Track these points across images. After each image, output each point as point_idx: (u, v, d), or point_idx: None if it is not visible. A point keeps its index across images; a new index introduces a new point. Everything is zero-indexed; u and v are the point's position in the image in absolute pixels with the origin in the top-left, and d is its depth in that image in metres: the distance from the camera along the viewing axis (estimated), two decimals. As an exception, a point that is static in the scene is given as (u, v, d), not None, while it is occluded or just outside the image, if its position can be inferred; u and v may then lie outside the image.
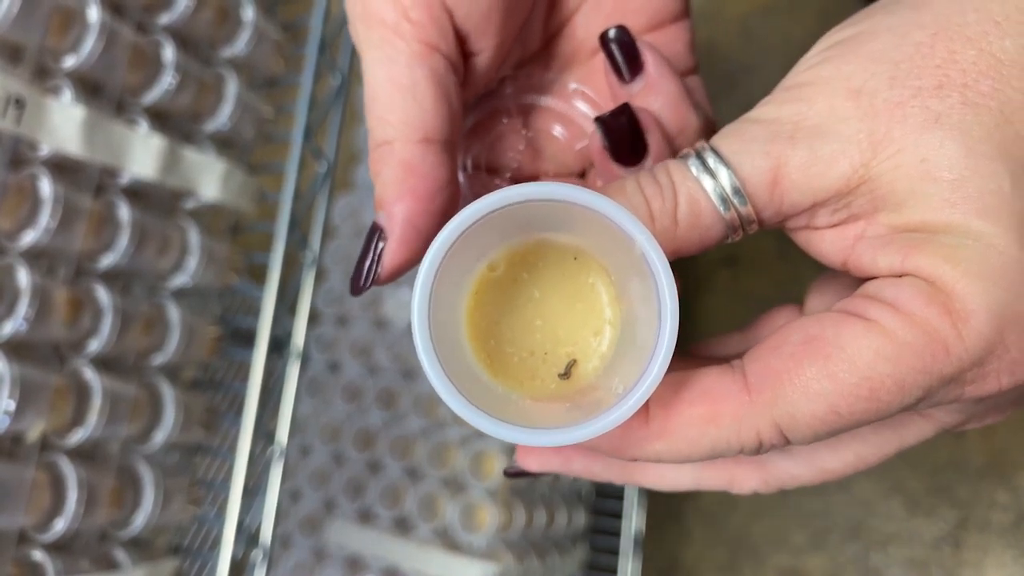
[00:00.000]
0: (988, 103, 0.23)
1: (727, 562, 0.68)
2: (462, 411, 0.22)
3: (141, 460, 0.44)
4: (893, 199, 0.24)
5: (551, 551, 0.59)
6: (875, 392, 0.23)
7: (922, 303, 0.22)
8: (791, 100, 0.25)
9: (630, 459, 0.26)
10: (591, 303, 0.26)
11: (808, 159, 0.24)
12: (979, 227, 0.23)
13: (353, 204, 0.69)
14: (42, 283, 0.38)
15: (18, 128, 0.37)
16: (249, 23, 0.47)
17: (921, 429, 0.27)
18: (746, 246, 0.72)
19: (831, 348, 0.23)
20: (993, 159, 0.23)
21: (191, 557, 0.47)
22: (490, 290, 0.26)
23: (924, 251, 0.23)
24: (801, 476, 0.29)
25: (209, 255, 0.46)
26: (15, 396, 0.37)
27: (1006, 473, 0.61)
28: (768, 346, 0.24)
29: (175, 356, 0.45)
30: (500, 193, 0.22)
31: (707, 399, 0.24)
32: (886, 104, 0.24)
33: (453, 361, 0.24)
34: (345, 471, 0.60)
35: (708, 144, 0.26)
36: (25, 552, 0.39)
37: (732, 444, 0.24)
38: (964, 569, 0.61)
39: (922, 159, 0.23)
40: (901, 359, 0.22)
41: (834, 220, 0.25)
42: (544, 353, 0.26)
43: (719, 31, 0.80)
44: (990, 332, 0.22)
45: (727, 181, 0.25)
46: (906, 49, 0.24)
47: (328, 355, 0.65)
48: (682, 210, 0.25)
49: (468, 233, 0.23)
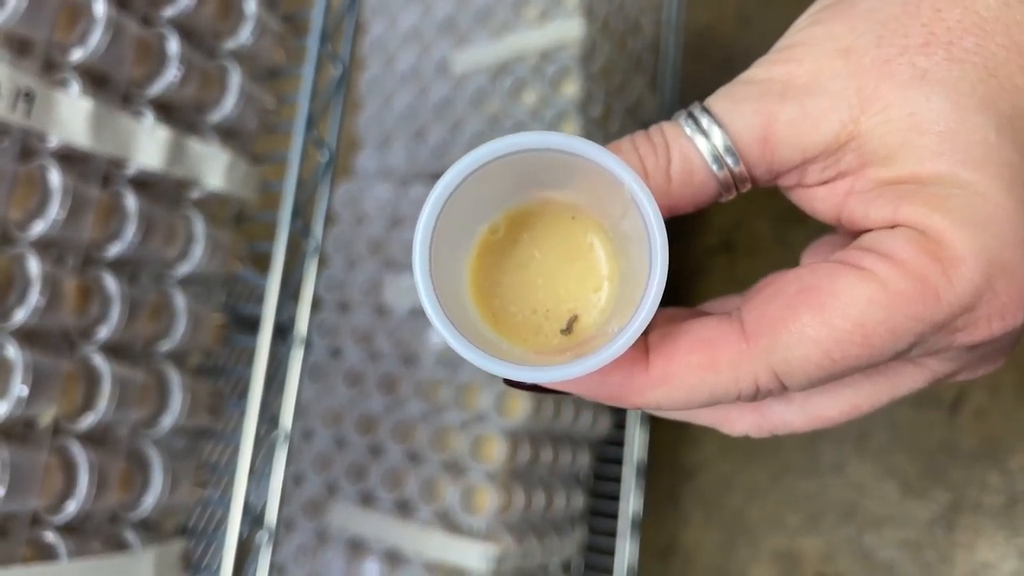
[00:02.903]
0: (972, 59, 0.24)
1: (723, 543, 0.69)
2: (459, 347, 0.23)
3: (149, 444, 0.44)
4: (883, 152, 0.24)
5: (550, 533, 0.60)
6: (868, 338, 0.23)
7: (913, 251, 0.23)
8: (782, 61, 0.26)
9: (632, 406, 0.26)
10: (589, 261, 0.27)
11: (798, 115, 0.25)
12: (967, 177, 0.23)
13: (353, 191, 0.69)
14: (52, 272, 0.39)
15: (28, 121, 0.38)
16: (252, 15, 0.47)
17: (914, 378, 0.27)
18: (743, 232, 0.72)
19: (825, 296, 0.23)
20: (978, 112, 0.23)
21: (198, 538, 0.48)
22: (492, 252, 0.27)
23: (914, 201, 0.24)
24: (794, 422, 0.29)
25: (214, 244, 0.47)
26: (27, 382, 0.38)
27: (998, 456, 0.61)
28: (764, 296, 0.25)
29: (182, 343, 0.46)
30: (498, 141, 0.23)
31: (705, 347, 0.25)
32: (874, 62, 0.25)
33: (459, 319, 0.24)
34: (347, 455, 0.61)
35: (701, 104, 0.26)
36: (38, 533, 0.40)
37: (730, 390, 0.25)
38: (957, 550, 0.61)
39: (910, 113, 0.24)
40: (893, 306, 0.23)
41: (824, 177, 0.26)
42: (546, 310, 0.27)
43: (718, 17, 0.80)
44: (979, 278, 0.23)
45: (720, 140, 0.26)
46: (893, 9, 0.25)
47: (330, 341, 0.66)
48: (675, 167, 0.26)
49: (464, 191, 0.24)
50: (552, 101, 0.60)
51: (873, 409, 0.29)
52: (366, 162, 0.73)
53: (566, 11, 0.59)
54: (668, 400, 0.26)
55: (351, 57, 0.47)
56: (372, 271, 0.65)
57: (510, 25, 0.62)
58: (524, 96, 0.62)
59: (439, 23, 0.67)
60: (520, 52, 0.61)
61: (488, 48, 0.63)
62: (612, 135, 0.63)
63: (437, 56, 0.67)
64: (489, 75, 0.63)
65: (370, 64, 0.73)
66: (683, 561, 0.70)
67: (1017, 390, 0.62)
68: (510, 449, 0.55)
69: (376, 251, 0.65)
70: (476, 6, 0.64)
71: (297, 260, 0.46)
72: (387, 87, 0.71)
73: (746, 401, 0.26)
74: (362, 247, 0.66)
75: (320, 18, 0.46)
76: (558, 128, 0.60)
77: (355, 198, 0.69)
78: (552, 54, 0.60)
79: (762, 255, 0.69)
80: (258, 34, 0.48)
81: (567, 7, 0.60)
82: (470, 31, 0.65)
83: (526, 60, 0.61)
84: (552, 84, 0.60)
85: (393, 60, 0.71)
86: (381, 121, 0.71)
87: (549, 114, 0.60)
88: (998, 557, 0.60)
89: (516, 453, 0.55)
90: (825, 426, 0.29)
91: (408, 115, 0.68)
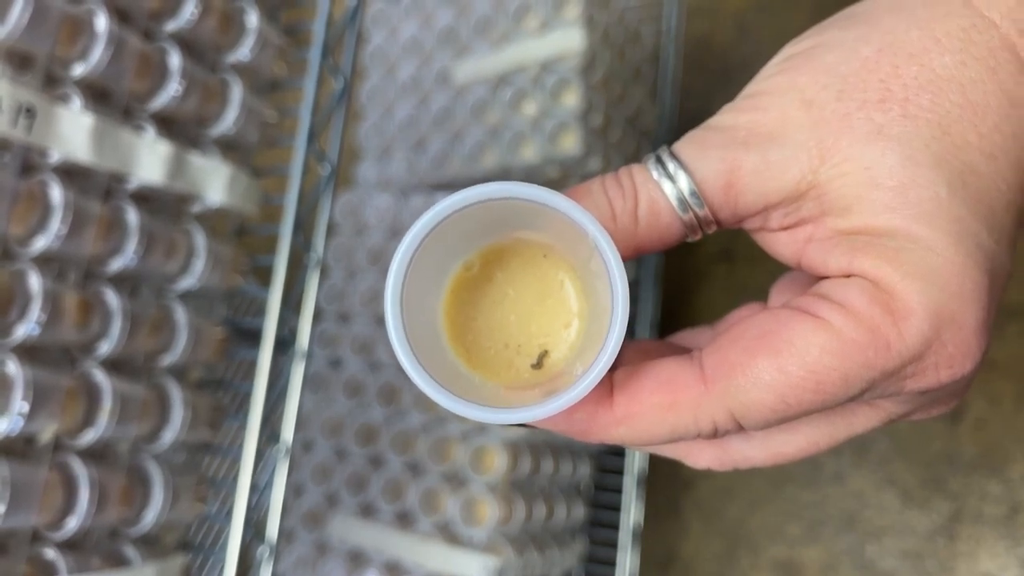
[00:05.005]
0: (927, 115, 0.25)
1: (724, 554, 0.69)
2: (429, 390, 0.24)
3: (150, 459, 0.44)
4: (840, 204, 0.25)
5: (550, 544, 0.60)
6: (821, 385, 0.24)
7: (866, 302, 0.24)
8: (748, 108, 0.27)
9: (597, 441, 0.27)
10: (560, 298, 0.28)
11: (760, 164, 0.26)
12: (918, 231, 0.24)
13: (353, 201, 0.69)
14: (53, 287, 0.39)
15: (29, 136, 0.37)
16: (253, 29, 0.47)
17: (869, 418, 0.29)
18: (742, 242, 0.73)
19: (782, 343, 0.24)
20: (931, 168, 0.24)
21: (199, 553, 0.48)
22: (467, 288, 0.28)
23: (868, 253, 0.24)
24: (755, 458, 0.30)
25: (215, 258, 0.47)
26: (28, 398, 0.37)
27: (998, 465, 0.62)
28: (726, 339, 0.26)
29: (183, 357, 0.46)
30: (463, 193, 0.24)
31: (667, 388, 0.26)
32: (834, 115, 0.25)
33: (432, 355, 0.26)
34: (347, 466, 0.61)
35: (670, 149, 0.27)
36: (38, 550, 0.39)
37: (690, 429, 0.26)
38: (958, 560, 0.62)
39: (866, 167, 0.25)
40: (846, 354, 0.24)
41: (786, 223, 0.27)
42: (518, 346, 0.28)
43: (716, 27, 0.80)
44: (928, 329, 0.24)
45: (685, 185, 0.27)
46: (854, 64, 0.26)
47: (330, 351, 0.66)
48: (642, 210, 0.27)
49: (438, 233, 0.25)
50: (552, 111, 0.60)
51: (830, 447, 0.30)
52: (366, 172, 0.73)
53: (566, 22, 0.59)
54: (631, 437, 0.27)
55: (352, 70, 0.47)
56: (372, 281, 0.64)
57: (510, 36, 0.62)
58: (524, 106, 0.62)
59: (439, 34, 0.67)
60: (520, 62, 0.61)
61: (488, 59, 0.63)
62: (612, 145, 0.63)
63: (437, 66, 0.67)
64: (489, 85, 0.63)
65: (370, 74, 0.73)
66: (683, 571, 0.70)
67: (1017, 400, 0.62)
68: (511, 460, 0.55)
69: (376, 261, 0.65)
70: (476, 16, 0.64)
71: (298, 273, 0.46)
72: (387, 97, 0.71)
73: (706, 439, 0.27)
74: (362, 257, 0.66)
75: (321, 31, 0.46)
76: (558, 139, 0.60)
77: (355, 208, 0.69)
78: (552, 64, 0.60)
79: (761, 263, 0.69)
80: (259, 47, 0.47)
81: (567, 18, 0.60)
82: (470, 42, 0.65)
83: (526, 70, 0.61)
84: (552, 94, 0.60)
85: (394, 70, 0.71)
86: (381, 131, 0.71)
87: (549, 124, 0.60)
88: (999, 567, 0.60)
89: (517, 464, 0.55)
90: (785, 462, 0.30)
91: (408, 125, 0.68)
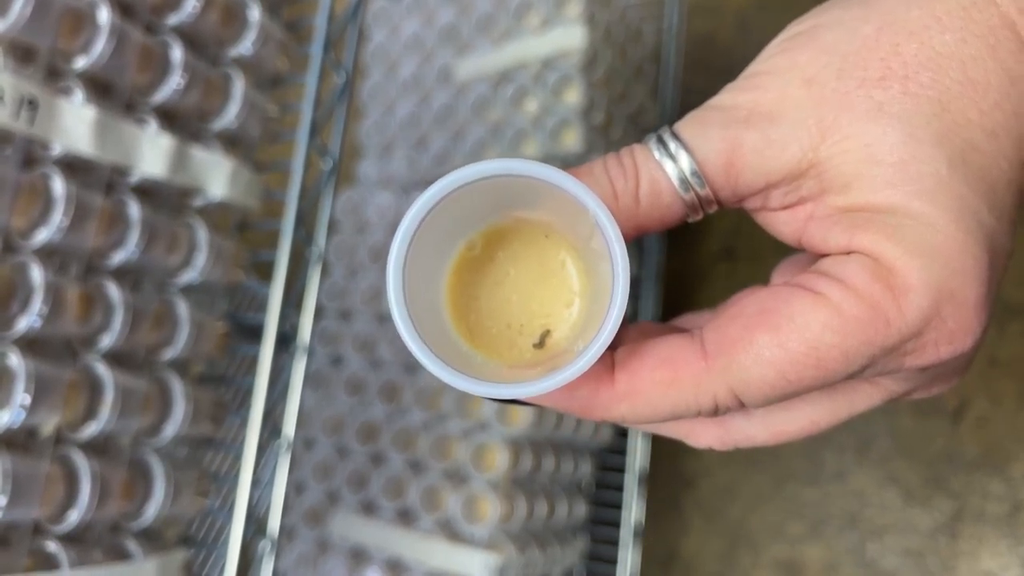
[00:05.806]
0: (927, 93, 0.25)
1: (725, 552, 0.69)
2: (429, 363, 0.24)
3: (152, 453, 0.44)
4: (840, 181, 0.25)
5: (552, 542, 0.59)
6: (821, 361, 0.24)
7: (866, 279, 0.24)
8: (749, 88, 0.27)
9: (599, 419, 0.27)
10: (562, 278, 0.28)
11: (761, 142, 0.26)
12: (918, 207, 0.24)
13: (355, 199, 0.69)
14: (55, 280, 0.39)
15: (31, 129, 0.37)
16: (255, 23, 0.47)
17: (870, 396, 0.29)
18: (744, 241, 0.73)
19: (782, 319, 0.24)
20: (932, 145, 0.24)
21: (200, 547, 0.48)
22: (469, 269, 0.28)
23: (868, 230, 0.25)
24: (757, 437, 0.30)
25: (217, 252, 0.47)
26: (30, 391, 0.37)
27: (1000, 464, 0.61)
28: (726, 316, 0.26)
29: (184, 351, 0.46)
30: (464, 169, 0.24)
31: (668, 365, 0.26)
32: (834, 93, 0.25)
33: (435, 334, 0.26)
34: (348, 463, 0.61)
35: (671, 129, 0.27)
36: (39, 543, 0.39)
37: (691, 406, 0.26)
38: (960, 559, 0.61)
39: (866, 144, 0.25)
40: (846, 331, 0.24)
41: (786, 201, 0.27)
42: (520, 325, 0.28)
43: (717, 25, 0.80)
44: (927, 305, 0.24)
45: (686, 164, 0.27)
46: (854, 42, 0.26)
47: (331, 349, 0.66)
48: (644, 190, 0.27)
49: (440, 211, 0.25)
50: (554, 109, 0.60)
51: (832, 425, 0.30)
52: (368, 170, 0.73)
53: (568, 19, 0.59)
54: (632, 414, 0.27)
55: (354, 65, 0.47)
56: (374, 279, 0.64)
57: (512, 33, 0.62)
58: (526, 104, 0.62)
59: (441, 31, 0.67)
60: (522, 60, 0.61)
61: (490, 56, 0.63)
62: (614, 143, 0.63)
63: (439, 64, 0.67)
64: (491, 83, 0.63)
65: (372, 72, 0.73)
66: (684, 569, 0.70)
67: (1019, 399, 0.62)
68: (512, 458, 0.55)
69: (377, 259, 0.65)
70: (478, 14, 0.64)
71: (299, 268, 0.46)
72: (389, 95, 0.71)
73: (707, 416, 0.27)
74: (364, 255, 0.66)
75: (323, 26, 0.46)
76: (560, 136, 0.60)
77: (357, 206, 0.69)
78: (554, 62, 0.60)
79: (762, 260, 0.69)
80: (261, 42, 0.48)
81: (569, 15, 0.60)
82: (472, 39, 0.65)
83: (528, 68, 0.61)
84: (554, 92, 0.60)
85: (395, 68, 0.71)
86: (383, 129, 0.71)
87: (551, 122, 0.60)
88: (1001, 566, 0.60)
89: (518, 462, 0.55)
90: (786, 440, 0.30)
91: (410, 123, 0.68)
